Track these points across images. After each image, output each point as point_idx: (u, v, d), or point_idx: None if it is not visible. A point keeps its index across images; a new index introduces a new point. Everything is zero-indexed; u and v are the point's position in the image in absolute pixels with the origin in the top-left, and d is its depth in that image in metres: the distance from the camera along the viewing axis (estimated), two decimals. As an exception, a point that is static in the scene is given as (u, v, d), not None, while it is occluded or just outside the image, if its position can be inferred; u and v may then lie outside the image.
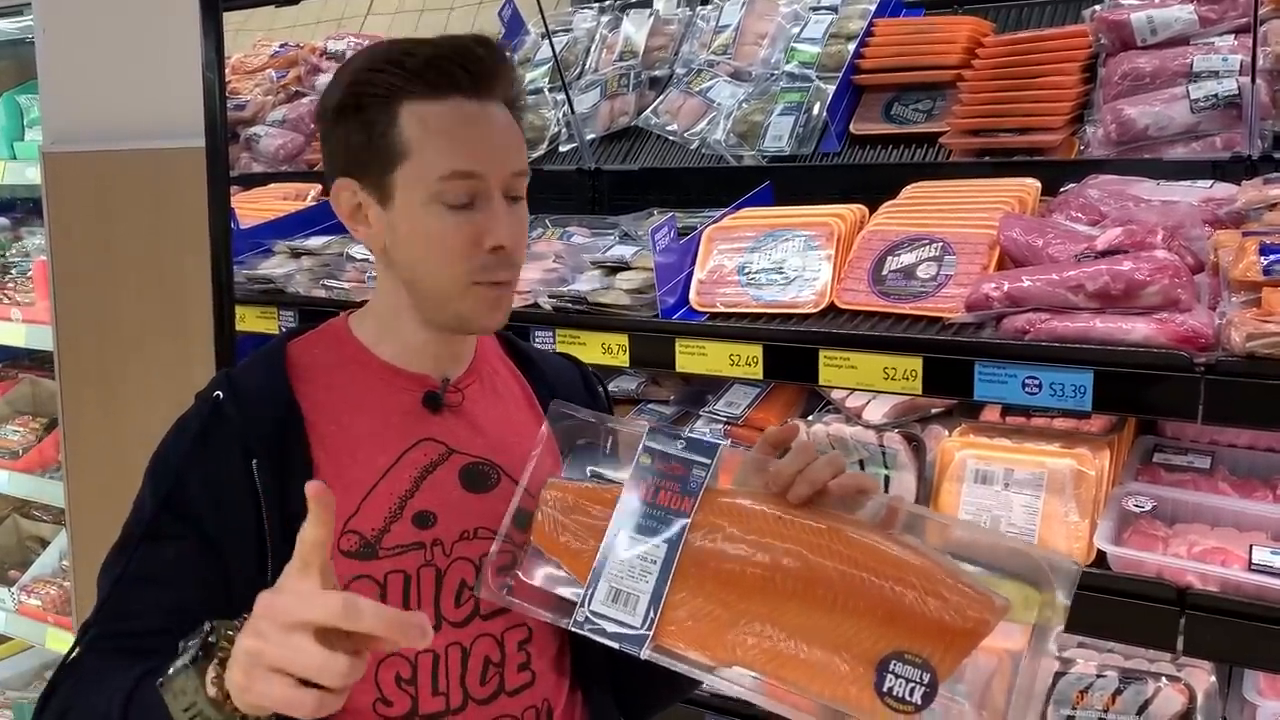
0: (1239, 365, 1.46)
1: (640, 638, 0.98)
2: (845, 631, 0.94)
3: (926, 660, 0.91)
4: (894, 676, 0.91)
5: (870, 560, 0.95)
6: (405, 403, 1.18)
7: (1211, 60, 2.04)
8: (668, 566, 0.99)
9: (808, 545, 0.97)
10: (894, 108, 2.46)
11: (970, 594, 0.92)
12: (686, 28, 2.91)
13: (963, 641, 0.91)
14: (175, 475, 1.09)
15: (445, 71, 1.10)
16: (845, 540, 0.97)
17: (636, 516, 1.02)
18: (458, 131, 1.10)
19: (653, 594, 0.99)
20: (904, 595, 0.92)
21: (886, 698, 0.91)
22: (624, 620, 0.99)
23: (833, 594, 0.95)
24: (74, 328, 2.30)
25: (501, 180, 1.11)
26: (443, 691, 1.12)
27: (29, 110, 3.12)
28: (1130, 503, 1.71)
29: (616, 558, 1.01)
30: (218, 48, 1.85)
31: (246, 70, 3.73)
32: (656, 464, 1.04)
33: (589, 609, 1.01)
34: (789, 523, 0.99)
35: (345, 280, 2.40)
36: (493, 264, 1.12)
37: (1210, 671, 1.78)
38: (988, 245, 1.80)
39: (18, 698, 3.28)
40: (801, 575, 0.96)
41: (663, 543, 1.00)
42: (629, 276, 2.03)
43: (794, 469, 1.01)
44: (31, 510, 3.55)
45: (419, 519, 1.13)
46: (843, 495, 1.01)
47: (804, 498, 1.00)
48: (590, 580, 1.02)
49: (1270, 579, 1.50)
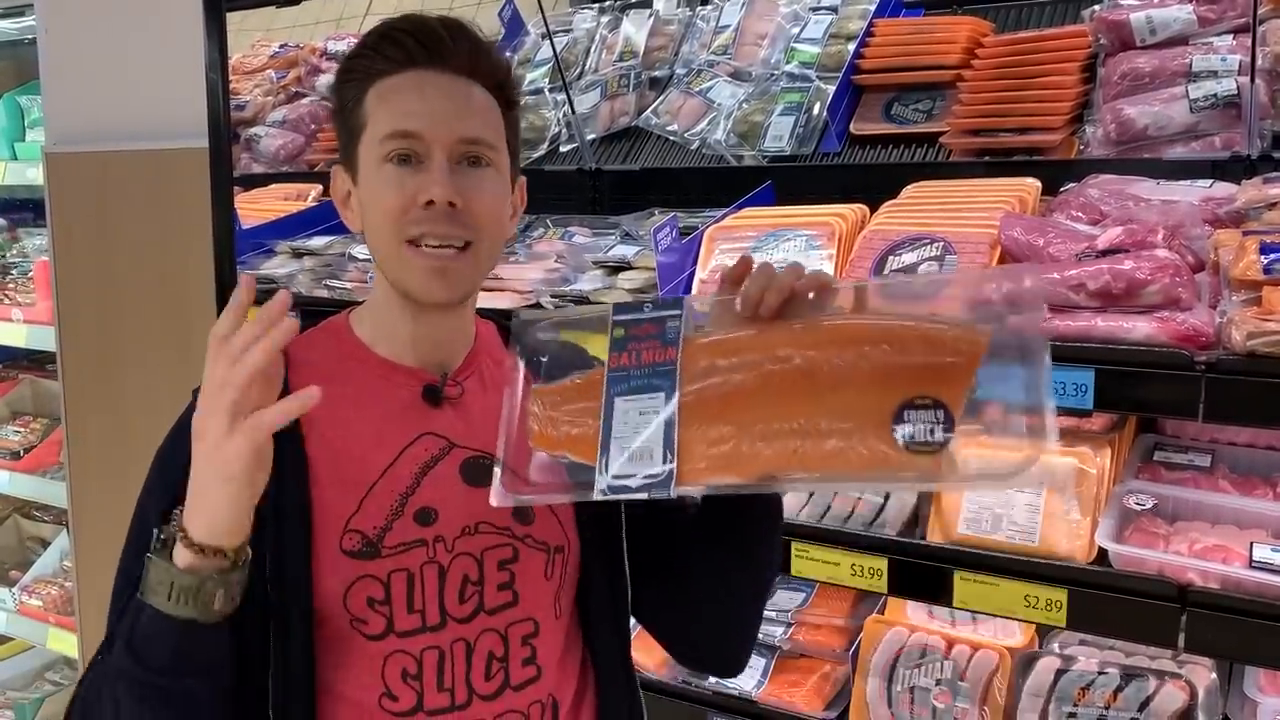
0: (1240, 364, 1.46)
1: (666, 477, 0.99)
2: (853, 405, 0.96)
3: (936, 398, 0.94)
4: (910, 425, 0.94)
5: (855, 333, 0.99)
6: (404, 398, 1.18)
7: (1210, 60, 2.05)
8: (671, 412, 1.01)
9: (794, 343, 1.00)
10: (894, 108, 2.47)
11: (954, 331, 0.97)
12: (686, 28, 2.92)
13: (962, 371, 0.95)
14: (176, 483, 1.08)
15: (400, 44, 1.13)
16: (828, 327, 1.00)
17: (627, 381, 1.04)
18: (402, 95, 1.12)
19: (665, 440, 1.00)
20: (896, 351, 0.96)
21: (912, 445, 0.94)
22: (645, 472, 1.00)
23: (832, 375, 0.97)
24: (77, 328, 2.31)
25: (445, 143, 1.11)
26: (448, 687, 1.13)
27: (29, 111, 3.12)
28: (1131, 500, 1.72)
29: (620, 423, 1.02)
30: (221, 49, 1.85)
31: (246, 71, 3.74)
32: (630, 331, 1.05)
33: (609, 475, 1.01)
34: (771, 330, 1.02)
35: (347, 280, 2.40)
36: (425, 219, 1.10)
37: (1211, 668, 1.79)
38: (989, 245, 1.81)
39: (18, 698, 3.28)
40: (798, 369, 0.99)
41: (659, 393, 1.02)
42: (631, 276, 2.04)
43: (760, 286, 1.02)
44: (32, 510, 3.56)
45: (420, 515, 1.13)
46: (809, 293, 1.02)
47: (775, 308, 1.02)
48: (600, 452, 1.02)
49: (1271, 576, 1.51)
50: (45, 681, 3.41)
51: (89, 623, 2.47)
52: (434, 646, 1.12)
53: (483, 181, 1.14)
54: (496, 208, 1.16)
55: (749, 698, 2.10)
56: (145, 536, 1.09)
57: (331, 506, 1.11)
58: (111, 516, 2.36)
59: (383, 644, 1.11)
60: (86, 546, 2.41)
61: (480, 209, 1.13)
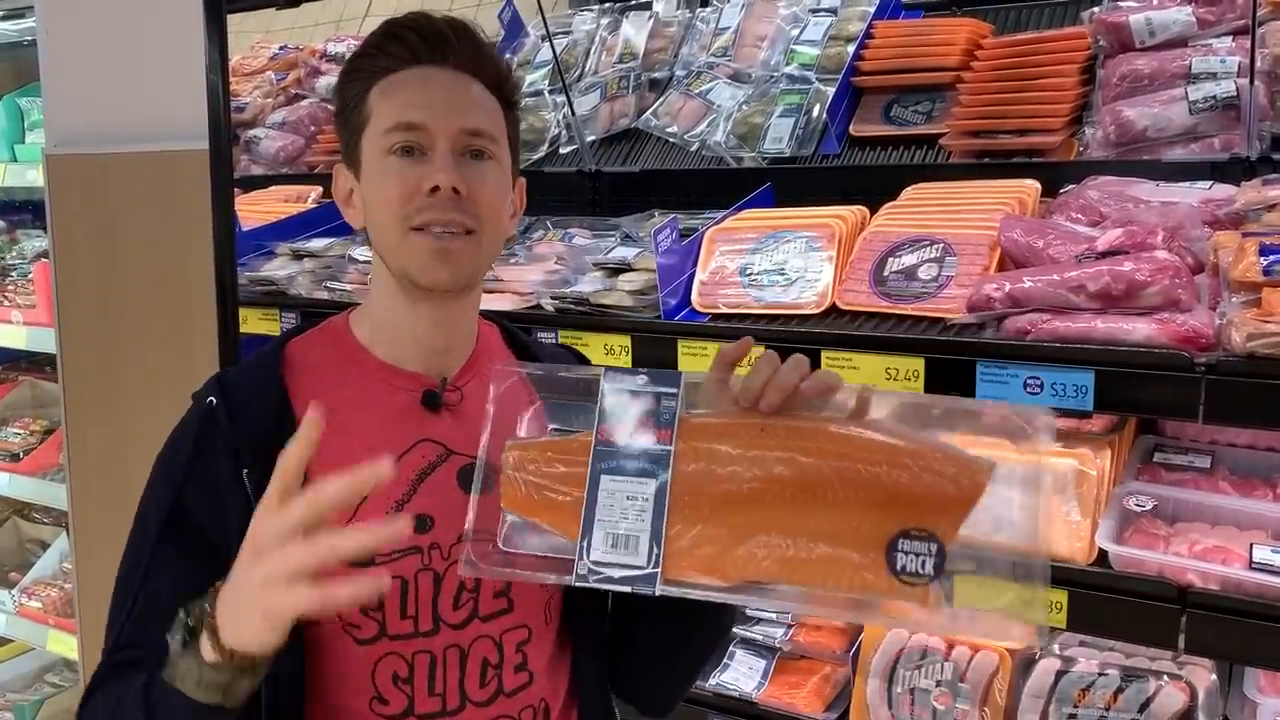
0: (1239, 365, 1.46)
1: (650, 575, 0.97)
2: (849, 523, 0.96)
3: (931, 532, 0.94)
4: (904, 554, 0.94)
5: (858, 450, 0.97)
6: (403, 403, 1.17)
7: (1210, 62, 2.05)
8: (661, 500, 0.98)
9: (796, 449, 0.98)
10: (894, 109, 2.47)
11: (958, 462, 0.96)
12: (686, 30, 2.92)
13: (960, 508, 0.95)
14: (175, 491, 1.09)
15: (404, 41, 1.14)
16: (830, 436, 0.98)
17: (616, 459, 1.00)
18: (405, 89, 1.13)
19: (652, 531, 0.98)
20: (898, 476, 0.95)
21: (901, 575, 0.94)
22: (629, 563, 0.98)
23: (830, 490, 0.96)
24: (76, 330, 2.30)
25: (449, 134, 1.12)
26: (439, 693, 1.12)
27: (29, 113, 3.12)
28: (1131, 502, 1.72)
29: (605, 504, 0.99)
30: (221, 50, 1.85)
31: (245, 72, 3.74)
32: (621, 402, 1.02)
33: (589, 560, 0.98)
34: (771, 430, 0.99)
35: (347, 282, 2.40)
36: (430, 206, 1.10)
37: (1211, 669, 1.79)
38: (989, 246, 1.81)
39: (18, 700, 3.28)
40: (796, 479, 0.97)
41: (650, 479, 0.99)
42: (631, 278, 2.04)
43: (762, 380, 1.01)
44: (31, 512, 3.56)
45: (417, 522, 1.12)
46: (813, 396, 1.01)
47: (777, 405, 1.00)
48: (583, 532, 0.99)
49: (1271, 577, 1.51)
50: (45, 683, 3.41)
51: (89, 625, 2.47)
52: (426, 651, 1.12)
53: (486, 173, 1.14)
54: (498, 199, 1.16)
55: (749, 699, 2.10)
56: (145, 546, 1.10)
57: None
58: (111, 519, 2.37)
59: (374, 648, 1.11)
60: (86, 549, 2.41)
61: (483, 198, 1.13)
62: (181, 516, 1.09)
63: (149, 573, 1.09)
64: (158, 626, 1.05)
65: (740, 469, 0.98)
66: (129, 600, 1.09)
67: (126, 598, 1.10)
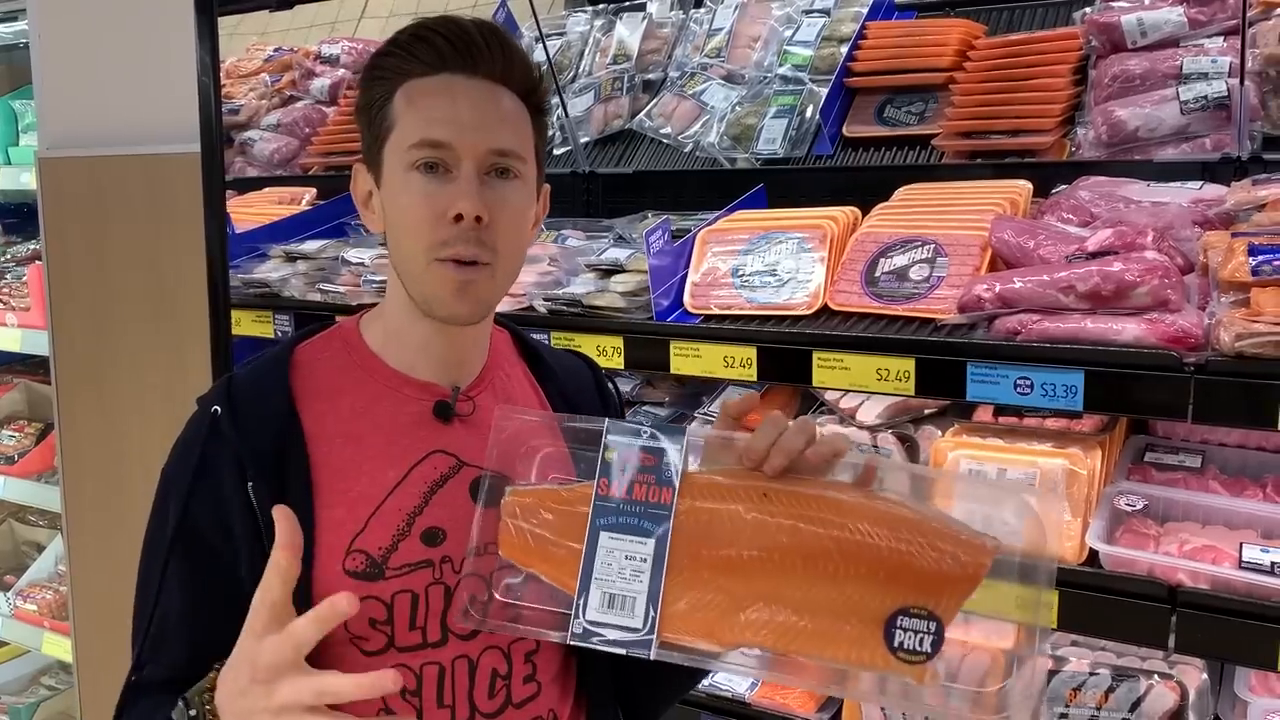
0: (1228, 365, 1.47)
1: (645, 640, 0.97)
2: (849, 597, 0.95)
3: (931, 610, 0.93)
4: (902, 631, 0.93)
5: (862, 522, 0.95)
6: (414, 413, 1.14)
7: (1201, 62, 2.06)
8: (659, 562, 0.97)
9: (798, 517, 0.97)
10: (886, 110, 2.47)
11: (963, 540, 0.94)
12: (679, 31, 2.92)
13: (962, 587, 0.94)
14: (181, 506, 1.08)
15: (433, 45, 1.09)
16: (834, 507, 0.97)
17: (616, 515, 0.99)
18: (433, 101, 1.09)
19: (649, 593, 0.97)
20: (901, 552, 0.94)
21: (899, 652, 0.93)
22: (624, 624, 0.97)
23: (831, 563, 0.95)
24: (70, 332, 2.30)
25: (475, 154, 1.08)
26: (448, 704, 1.11)
27: (23, 116, 3.12)
28: (1122, 502, 1.72)
29: (603, 561, 0.98)
30: (213, 52, 1.85)
31: (240, 75, 3.74)
32: (623, 457, 1.01)
33: (585, 619, 0.98)
34: (774, 497, 0.98)
35: (341, 284, 2.40)
36: (455, 238, 1.07)
37: (1202, 669, 1.79)
38: (980, 247, 1.82)
39: (13, 702, 3.28)
40: (797, 549, 0.96)
41: (649, 539, 0.98)
42: (624, 279, 2.04)
43: (767, 442, 0.99)
44: (26, 515, 3.55)
45: (428, 536, 1.10)
46: (817, 462, 1.00)
47: (780, 469, 0.99)
48: (579, 589, 0.98)
49: (1260, 576, 1.52)
50: (40, 686, 3.41)
51: (84, 627, 2.47)
52: (434, 662, 1.10)
53: (510, 194, 1.11)
54: (521, 223, 1.14)
55: (742, 700, 2.10)
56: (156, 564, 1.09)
57: (336, 525, 1.08)
58: (106, 521, 2.37)
59: (381, 659, 1.09)
60: (81, 551, 2.41)
61: (505, 225, 1.10)
62: (189, 531, 1.08)
63: (161, 591, 1.08)
64: (171, 646, 1.08)
65: (741, 534, 0.97)
66: (145, 620, 1.10)
67: (144, 614, 1.10)
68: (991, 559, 0.94)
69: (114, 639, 2.12)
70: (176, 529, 1.08)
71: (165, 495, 1.12)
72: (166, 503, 1.11)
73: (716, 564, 0.97)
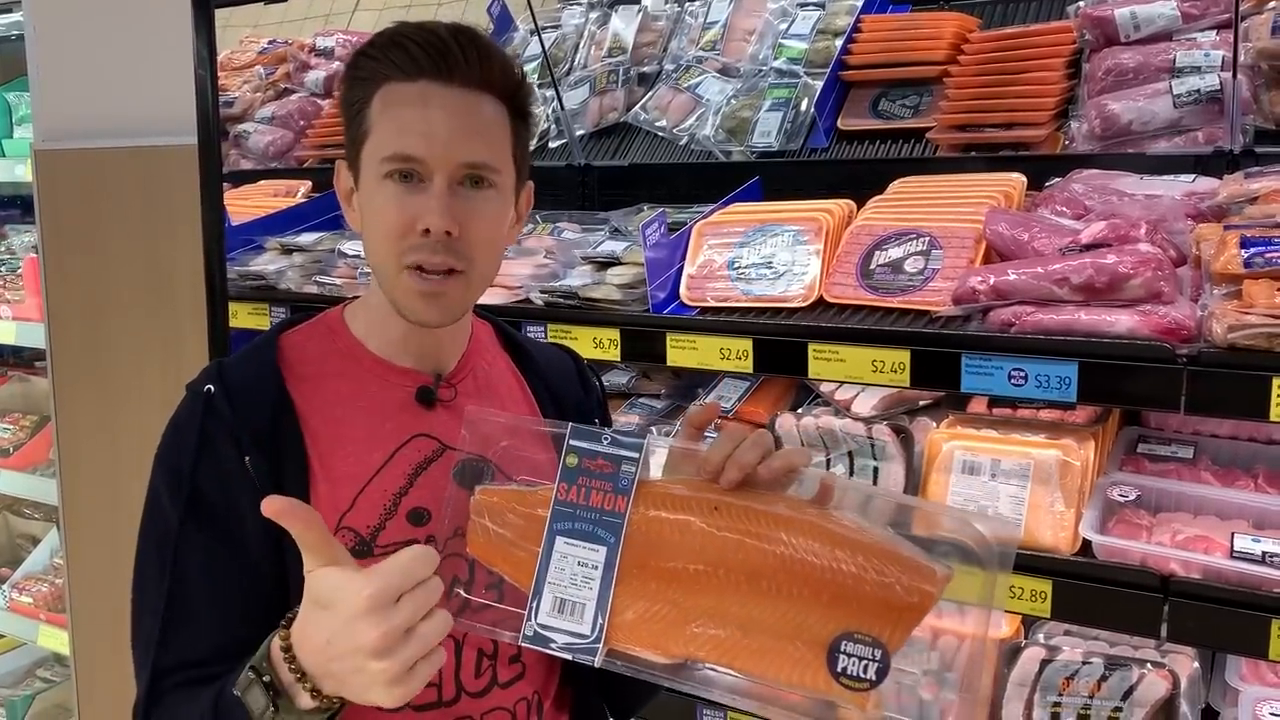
0: (1220, 356, 1.48)
1: (591, 647, 0.97)
2: (794, 617, 0.93)
3: (876, 638, 0.91)
4: (846, 656, 0.92)
5: (810, 543, 0.94)
6: (398, 398, 1.17)
7: (1194, 56, 2.07)
8: (610, 570, 0.98)
9: (744, 533, 0.96)
10: (881, 103, 2.48)
11: (912, 567, 0.92)
12: (675, 24, 2.92)
13: (909, 615, 0.92)
14: (190, 475, 1.08)
15: (409, 53, 1.09)
16: (784, 524, 0.95)
17: (572, 521, 1.00)
18: (406, 112, 1.09)
19: (598, 600, 0.97)
20: (847, 575, 0.92)
21: (841, 678, 0.92)
22: (573, 630, 0.98)
23: (777, 582, 0.94)
24: (66, 325, 2.30)
25: (447, 168, 1.08)
26: (434, 683, 1.12)
27: (17, 108, 3.11)
28: (1115, 492, 1.73)
29: (557, 566, 0.99)
30: (209, 45, 1.85)
31: (234, 67, 3.73)
32: (584, 463, 1.01)
33: (536, 622, 0.99)
34: (725, 510, 0.97)
35: (336, 276, 2.41)
36: (423, 248, 1.08)
37: (1193, 658, 1.81)
38: (974, 239, 1.82)
39: (9, 695, 3.28)
40: (744, 566, 0.95)
41: (602, 546, 0.98)
42: (620, 272, 2.05)
43: (723, 455, 0.99)
44: (22, 508, 3.55)
45: (414, 516, 1.13)
46: (771, 477, 0.99)
47: (735, 482, 0.99)
48: (533, 592, 0.99)
49: (1252, 566, 1.53)
50: (36, 679, 3.41)
51: (80, 620, 2.47)
52: None
53: (481, 205, 1.11)
54: (494, 232, 1.14)
55: (738, 690, 2.11)
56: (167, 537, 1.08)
57: (326, 502, 1.11)
58: (102, 513, 2.37)
59: None
60: (77, 543, 2.41)
61: (476, 236, 1.10)
62: (199, 499, 1.08)
63: (174, 571, 1.08)
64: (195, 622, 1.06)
65: (688, 547, 0.97)
66: (156, 607, 1.08)
67: (152, 604, 1.08)
68: (942, 589, 0.91)
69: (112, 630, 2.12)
70: (187, 505, 1.08)
71: (163, 479, 1.12)
72: (169, 477, 1.11)
73: (664, 575, 0.97)
